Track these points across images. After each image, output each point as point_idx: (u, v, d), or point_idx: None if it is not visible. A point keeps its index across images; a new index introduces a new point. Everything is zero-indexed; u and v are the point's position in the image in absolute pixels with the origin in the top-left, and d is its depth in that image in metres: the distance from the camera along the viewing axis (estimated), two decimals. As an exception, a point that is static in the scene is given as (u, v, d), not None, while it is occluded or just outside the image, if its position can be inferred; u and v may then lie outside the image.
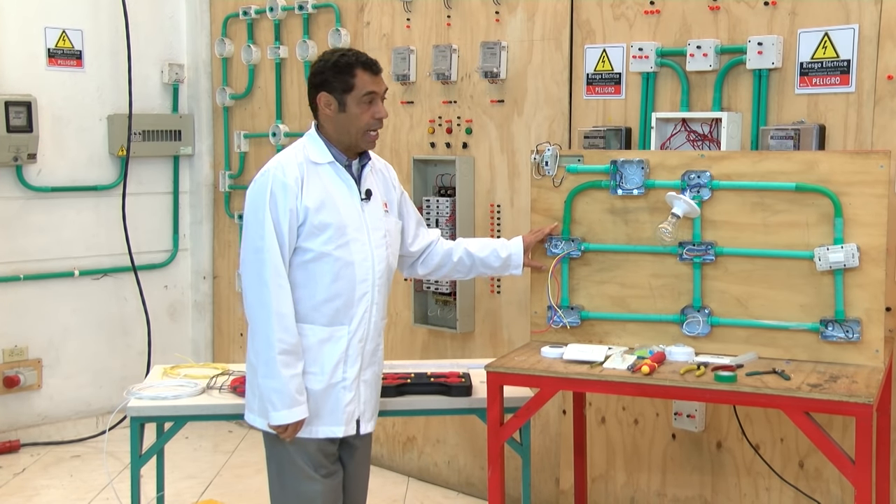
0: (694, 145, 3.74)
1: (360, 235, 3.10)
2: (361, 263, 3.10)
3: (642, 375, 3.04)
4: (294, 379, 3.01)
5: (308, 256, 3.05)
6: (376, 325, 3.19)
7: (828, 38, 3.48)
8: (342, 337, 3.10)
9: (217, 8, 5.75)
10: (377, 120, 3.10)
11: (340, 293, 3.08)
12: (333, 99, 3.07)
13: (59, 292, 5.51)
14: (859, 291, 3.12)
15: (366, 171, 3.18)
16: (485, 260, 3.47)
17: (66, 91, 5.46)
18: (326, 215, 3.04)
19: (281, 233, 2.99)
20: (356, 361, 3.13)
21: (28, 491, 4.81)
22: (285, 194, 3.00)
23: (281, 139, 5.34)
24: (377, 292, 3.15)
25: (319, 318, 3.08)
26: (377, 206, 3.19)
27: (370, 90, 3.06)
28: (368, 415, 3.21)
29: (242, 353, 5.76)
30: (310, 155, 3.09)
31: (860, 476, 2.79)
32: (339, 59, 3.07)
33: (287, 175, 3.02)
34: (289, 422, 3.01)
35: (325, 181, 3.08)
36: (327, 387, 3.09)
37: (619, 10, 4.00)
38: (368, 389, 3.19)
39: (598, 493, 4.20)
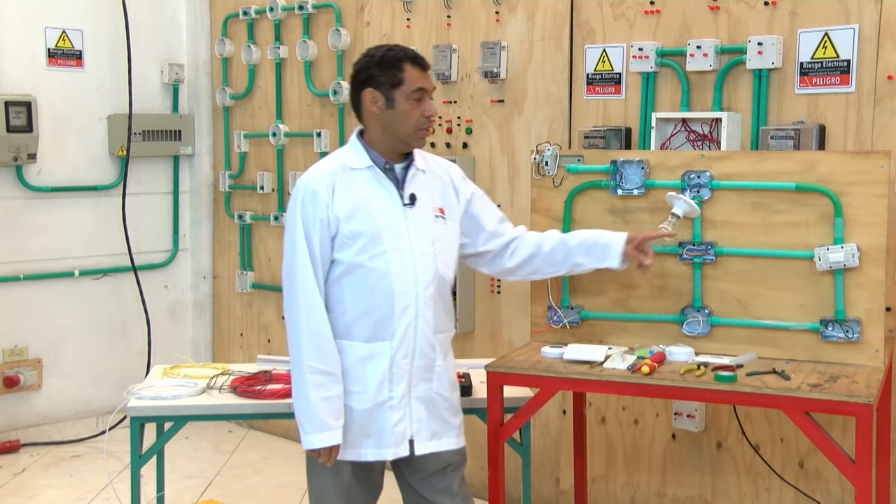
0: (694, 145, 3.74)
1: (400, 244, 2.89)
2: (401, 274, 2.88)
3: (642, 375, 3.04)
4: (326, 402, 2.83)
5: (342, 269, 2.88)
6: (427, 339, 2.93)
7: (828, 38, 3.48)
8: (384, 353, 2.89)
9: (217, 8, 5.75)
10: (427, 118, 2.91)
11: (378, 306, 2.88)
12: (381, 95, 2.89)
13: (59, 292, 5.51)
14: (859, 291, 3.12)
15: (410, 175, 2.97)
16: (579, 247, 3.19)
17: (66, 91, 5.46)
18: (358, 223, 2.86)
19: (312, 246, 2.84)
20: (403, 379, 2.91)
21: (28, 491, 4.81)
22: (315, 203, 2.85)
23: (281, 139, 5.34)
24: (423, 305, 2.91)
25: (358, 333, 2.89)
26: (424, 212, 2.95)
27: (420, 86, 2.89)
28: (426, 434, 2.96)
29: (242, 353, 5.77)
30: (346, 161, 2.93)
31: (860, 476, 2.79)
32: (386, 54, 2.90)
33: (316, 183, 2.87)
34: (317, 446, 2.84)
35: (360, 187, 2.90)
36: (373, 406, 2.90)
37: (619, 10, 4.00)
38: (423, 407, 2.96)
39: (598, 493, 4.20)
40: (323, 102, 5.17)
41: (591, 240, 3.20)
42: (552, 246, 3.20)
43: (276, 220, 5.42)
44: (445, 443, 3.02)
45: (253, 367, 3.81)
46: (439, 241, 2.97)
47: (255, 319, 5.71)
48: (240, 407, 3.47)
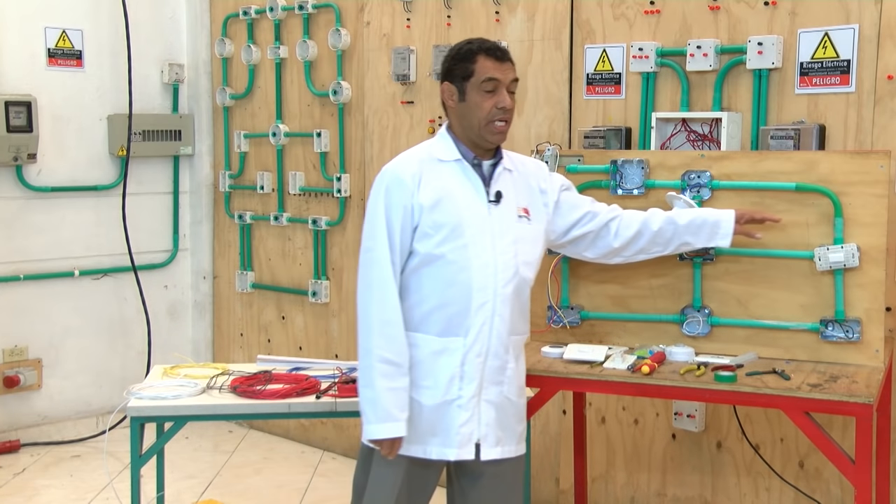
0: (694, 145, 3.74)
1: (482, 239, 2.83)
2: (481, 269, 2.82)
3: (642, 375, 3.04)
4: (392, 393, 2.76)
5: (420, 259, 2.82)
6: (501, 339, 2.86)
7: (828, 38, 3.48)
8: (457, 349, 2.83)
9: (217, 8, 5.75)
10: (500, 109, 2.84)
11: (454, 300, 2.82)
12: (455, 88, 2.87)
13: (59, 292, 5.51)
14: (859, 291, 3.12)
15: (497, 172, 2.92)
16: (688, 227, 3.10)
17: (66, 91, 5.46)
18: (442, 214, 2.81)
19: (392, 231, 2.79)
20: (474, 378, 2.84)
21: (28, 491, 4.81)
22: (399, 191, 2.80)
23: (281, 139, 5.34)
24: (500, 303, 2.84)
25: (431, 327, 2.83)
26: (508, 210, 2.90)
27: (490, 76, 2.82)
28: (493, 439, 2.88)
29: (242, 353, 5.77)
30: (435, 152, 2.89)
31: (860, 476, 2.79)
32: (463, 47, 2.88)
33: (403, 171, 2.83)
34: (381, 437, 2.77)
35: (446, 179, 2.85)
36: (441, 403, 2.83)
37: (619, 10, 4.00)
38: (493, 411, 2.88)
39: (598, 493, 4.20)
40: (323, 102, 5.17)
41: (700, 219, 3.11)
42: (660, 224, 3.12)
43: (276, 220, 5.42)
44: (509, 450, 2.95)
45: (253, 367, 3.81)
46: (521, 242, 2.92)
47: (255, 319, 5.71)
48: (240, 407, 3.47)
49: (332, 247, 5.21)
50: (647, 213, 3.17)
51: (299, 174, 5.30)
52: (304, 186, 5.30)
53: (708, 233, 3.10)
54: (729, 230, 3.09)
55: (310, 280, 5.28)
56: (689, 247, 3.16)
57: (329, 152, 5.16)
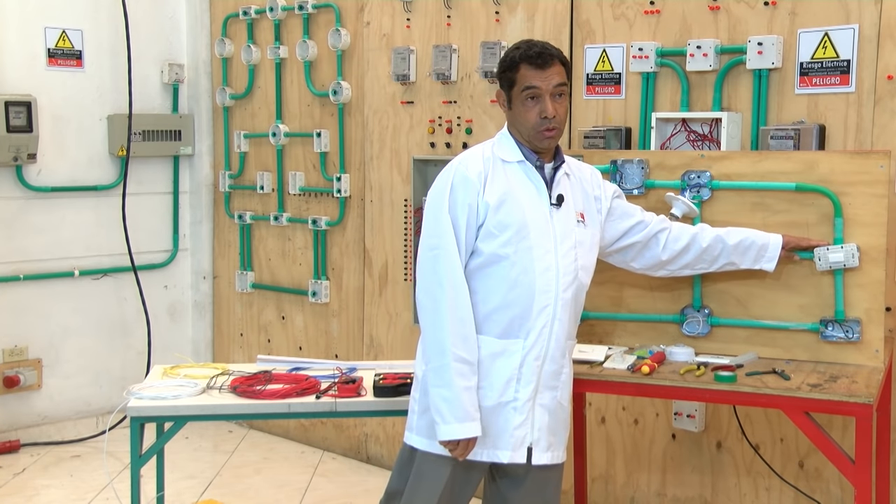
0: (694, 145, 3.74)
1: (545, 241, 2.82)
2: (544, 272, 2.81)
3: (642, 375, 3.04)
4: (468, 392, 2.75)
5: (484, 259, 2.81)
6: (559, 343, 2.86)
7: (828, 38, 3.48)
8: (516, 352, 2.82)
9: (217, 8, 5.75)
10: (545, 119, 2.81)
11: (517, 302, 2.81)
12: (504, 95, 2.90)
13: (59, 292, 5.51)
14: (859, 291, 3.12)
15: (559, 176, 2.91)
16: (736, 247, 3.10)
17: (66, 91, 5.46)
18: (507, 214, 2.80)
19: (458, 228, 2.78)
20: (531, 381, 2.83)
21: (28, 491, 4.81)
22: (466, 189, 2.79)
23: (281, 139, 5.34)
24: (561, 307, 2.84)
25: (492, 328, 2.82)
26: (569, 214, 2.90)
27: (529, 84, 2.81)
28: (545, 444, 2.87)
29: (242, 353, 5.77)
30: (499, 152, 2.89)
31: (860, 476, 2.79)
32: (508, 54, 2.88)
33: (469, 169, 2.82)
34: (459, 437, 2.74)
35: (511, 179, 2.85)
36: (497, 405, 2.82)
37: (619, 10, 4.00)
38: (546, 415, 2.88)
39: (598, 493, 4.20)
40: (323, 102, 5.17)
41: (749, 240, 3.11)
42: (709, 241, 3.11)
43: (276, 220, 5.42)
44: (558, 455, 2.94)
45: (253, 367, 3.81)
46: (581, 246, 2.92)
47: (255, 319, 5.71)
48: (240, 407, 3.47)
49: (332, 247, 5.21)
50: (697, 227, 3.17)
51: (299, 174, 5.30)
52: (304, 186, 5.30)
53: (754, 256, 3.12)
54: (775, 255, 3.11)
55: (310, 280, 5.28)
56: (734, 266, 3.16)
57: (329, 152, 5.16)
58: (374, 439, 5.11)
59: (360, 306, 5.09)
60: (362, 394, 3.49)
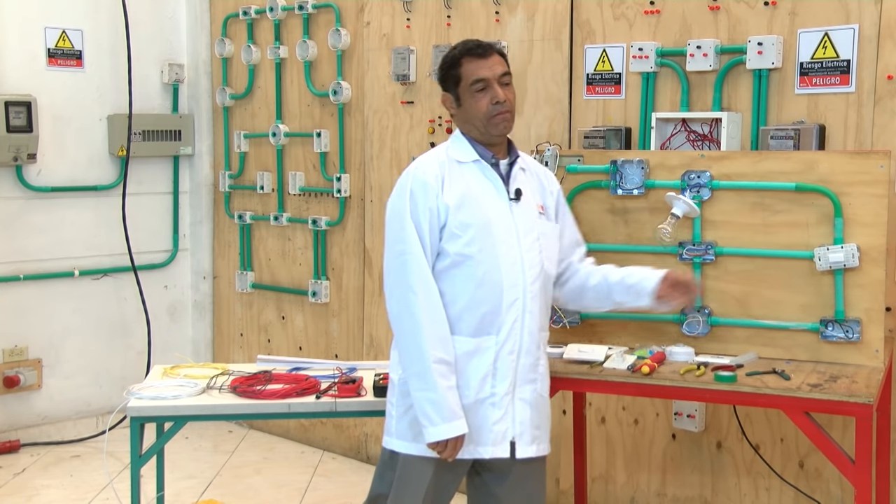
0: (694, 145, 3.74)
1: (508, 237, 2.87)
2: (510, 267, 2.85)
3: (642, 375, 3.04)
4: (451, 391, 2.78)
5: (450, 260, 2.84)
6: (532, 336, 2.90)
7: (828, 38, 3.48)
8: (489, 348, 2.85)
9: (217, 8, 5.75)
10: (496, 104, 2.86)
11: (486, 299, 2.84)
12: (451, 96, 2.94)
13: (59, 292, 5.50)
14: (859, 291, 3.12)
15: (515, 171, 2.96)
16: (619, 284, 3.05)
17: (66, 91, 5.46)
18: (468, 214, 2.84)
19: (422, 233, 2.82)
20: (507, 376, 2.86)
21: (28, 491, 4.81)
22: (425, 193, 2.83)
23: (281, 139, 5.34)
24: (530, 300, 2.88)
25: (464, 327, 2.84)
26: (529, 207, 2.94)
27: (478, 77, 2.86)
28: (528, 437, 2.90)
29: (242, 353, 5.77)
30: (453, 154, 2.93)
31: (860, 476, 2.79)
32: (448, 55, 2.94)
33: (426, 173, 2.86)
34: (448, 437, 2.76)
35: (468, 179, 2.89)
36: (474, 402, 2.84)
37: (619, 10, 4.00)
38: (528, 409, 2.90)
39: (598, 493, 4.20)
40: (323, 102, 5.17)
41: (631, 278, 3.05)
42: (597, 281, 3.09)
43: (276, 220, 5.42)
44: (543, 448, 2.97)
45: (253, 367, 3.81)
46: (544, 238, 2.96)
47: (255, 319, 5.71)
48: (240, 407, 3.47)
49: (332, 247, 5.21)
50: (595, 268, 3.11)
51: (299, 174, 5.30)
52: (304, 186, 5.30)
53: (635, 294, 3.04)
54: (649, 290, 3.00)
55: (310, 280, 5.28)
56: (625, 306, 3.09)
57: (329, 152, 5.16)
58: (374, 439, 5.11)
59: (360, 306, 5.09)
60: (362, 394, 3.49)
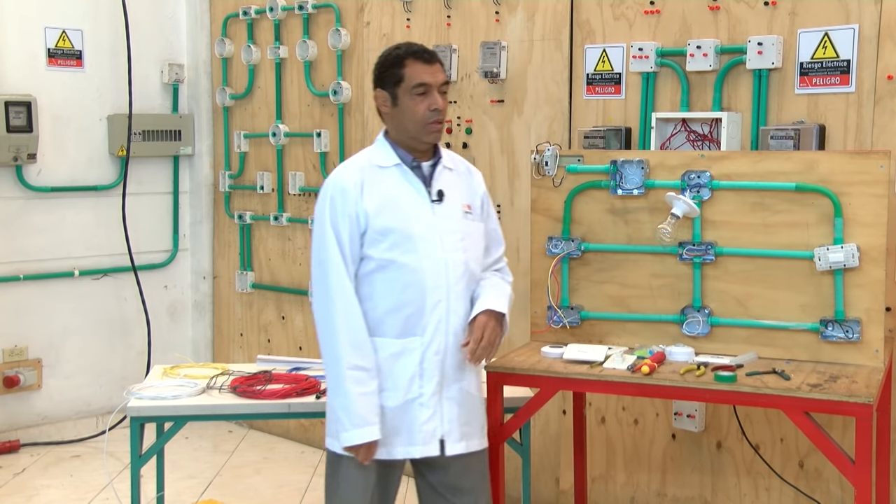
0: (694, 145, 3.74)
1: (431, 239, 2.89)
2: (432, 270, 2.88)
3: (642, 375, 3.04)
4: (365, 398, 2.82)
5: (372, 266, 2.88)
6: (457, 336, 2.93)
7: (828, 38, 3.48)
8: (415, 349, 2.89)
9: (217, 8, 5.75)
10: (433, 111, 2.90)
11: (410, 302, 2.88)
12: (387, 94, 2.93)
13: (59, 292, 5.51)
14: (859, 291, 3.12)
15: (438, 172, 2.98)
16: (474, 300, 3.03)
17: (66, 91, 5.46)
18: (388, 219, 2.87)
19: (341, 240, 2.85)
20: (434, 376, 2.90)
21: (28, 491, 4.81)
22: (344, 199, 2.87)
23: (281, 139, 5.34)
24: (454, 300, 2.91)
25: (388, 330, 2.89)
26: (453, 208, 2.97)
27: (421, 81, 2.89)
28: (457, 435, 2.95)
29: (242, 353, 5.77)
30: (374, 159, 2.96)
31: (860, 476, 2.79)
32: (391, 53, 2.95)
33: (346, 180, 2.89)
34: (357, 442, 2.82)
35: (388, 184, 2.91)
36: (403, 403, 2.89)
37: (619, 10, 4.00)
38: (456, 407, 2.94)
39: (598, 493, 4.20)
40: (323, 102, 5.17)
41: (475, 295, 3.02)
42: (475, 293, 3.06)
43: (276, 220, 5.42)
44: (474, 444, 3.02)
45: (253, 367, 3.81)
46: (469, 238, 2.99)
47: (255, 319, 5.71)
48: (240, 407, 3.47)
49: (332, 247, 5.20)
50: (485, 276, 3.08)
51: (299, 174, 5.30)
52: (304, 186, 5.30)
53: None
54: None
55: (309, 280, 5.27)
56: None
57: (329, 152, 5.16)
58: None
59: (360, 306, 5.08)
60: (362, 394, 3.48)
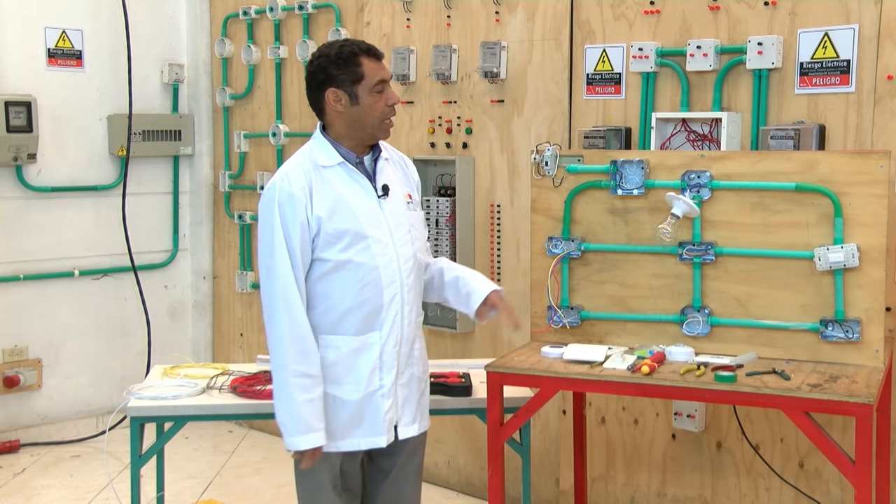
0: (694, 145, 3.74)
1: (382, 236, 2.91)
2: (387, 266, 2.91)
3: (642, 375, 3.04)
4: (310, 405, 2.83)
5: (328, 267, 2.87)
6: (411, 325, 3.00)
7: (828, 38, 3.48)
8: (374, 343, 2.93)
9: (217, 8, 5.75)
10: (391, 107, 2.92)
11: (368, 300, 2.90)
12: (343, 93, 2.88)
13: (59, 292, 5.50)
14: (859, 291, 3.12)
15: (380, 166, 2.99)
16: (448, 285, 3.15)
17: (66, 91, 5.46)
18: (341, 221, 2.86)
19: (293, 249, 2.82)
20: (392, 367, 2.95)
21: (28, 491, 4.81)
22: (293, 206, 2.82)
23: (281, 139, 5.34)
24: (407, 292, 2.96)
25: (348, 327, 2.91)
26: (398, 201, 2.99)
27: (380, 78, 2.89)
28: (408, 418, 3.02)
29: (242, 353, 5.77)
30: (317, 159, 2.91)
31: (860, 476, 2.79)
32: (341, 51, 2.88)
33: (293, 185, 2.84)
34: (302, 448, 2.84)
35: (335, 185, 2.89)
36: (365, 396, 2.93)
37: (619, 10, 4.00)
38: (406, 392, 3.01)
39: (598, 493, 4.20)
40: (323, 102, 5.16)
41: (462, 283, 3.13)
42: (432, 274, 3.17)
43: (276, 220, 5.41)
44: (423, 425, 3.10)
45: (253, 367, 3.81)
46: (414, 229, 3.02)
47: (255, 319, 5.71)
48: (240, 407, 3.47)
49: (332, 247, 5.20)
50: (434, 261, 3.19)
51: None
52: (304, 186, 5.29)
53: (463, 301, 3.13)
54: (474, 306, 3.09)
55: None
56: (449, 304, 3.20)
57: (329, 152, 5.15)
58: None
59: (360, 306, 5.08)
60: (362, 394, 3.49)
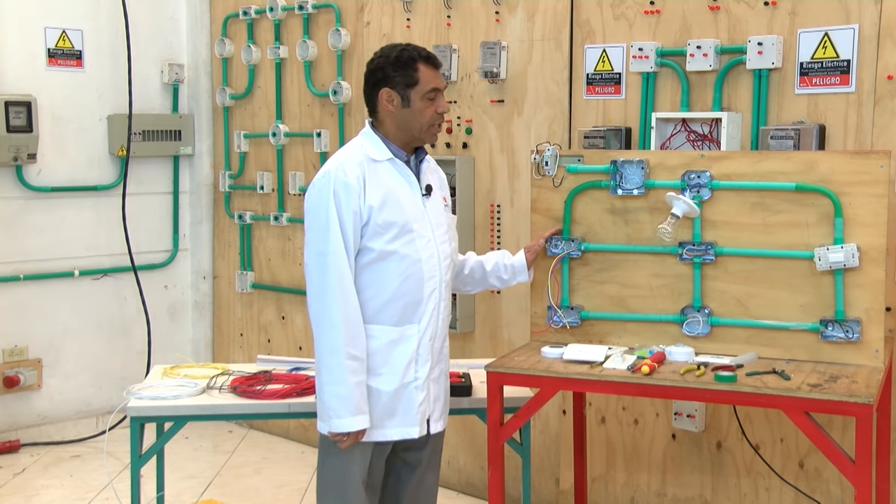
0: (694, 145, 3.74)
1: (426, 232, 3.06)
2: (428, 260, 3.05)
3: (642, 375, 3.04)
4: (360, 387, 2.95)
5: (373, 256, 2.99)
6: (445, 322, 3.15)
7: (828, 38, 3.48)
8: (412, 336, 3.05)
9: (217, 8, 5.75)
10: (440, 114, 3.07)
11: (408, 291, 3.03)
12: (396, 94, 3.03)
13: (59, 292, 5.51)
14: (859, 291, 3.12)
15: (423, 167, 3.14)
16: (494, 270, 3.40)
17: (66, 91, 5.46)
18: (390, 213, 2.99)
19: (346, 234, 2.94)
20: (427, 360, 3.08)
21: (28, 491, 4.81)
22: (348, 194, 2.94)
23: (281, 139, 5.34)
24: (445, 289, 3.11)
25: (388, 318, 3.02)
26: (438, 202, 3.15)
27: (434, 86, 3.03)
28: (437, 413, 3.16)
29: (242, 353, 5.77)
30: (368, 152, 3.04)
31: (860, 476, 2.79)
32: (401, 54, 3.03)
33: (349, 175, 2.96)
34: (352, 430, 2.94)
35: (385, 179, 3.02)
36: (399, 387, 3.04)
37: (619, 10, 4.00)
38: (437, 388, 3.15)
39: (598, 493, 4.20)
40: (323, 102, 5.17)
41: (503, 262, 3.41)
42: (472, 267, 3.41)
43: (276, 220, 5.42)
44: (445, 421, 3.23)
45: (253, 367, 3.81)
46: (451, 229, 3.19)
47: (255, 319, 5.71)
48: (240, 407, 3.47)
49: (332, 247, 5.20)
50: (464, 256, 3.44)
51: (299, 174, 5.30)
52: (303, 186, 5.29)
53: (511, 273, 3.41)
54: (523, 265, 3.40)
55: (310, 280, 5.27)
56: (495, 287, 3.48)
57: (329, 152, 5.15)
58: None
59: (360, 306, 5.08)
60: (362, 394, 3.49)
